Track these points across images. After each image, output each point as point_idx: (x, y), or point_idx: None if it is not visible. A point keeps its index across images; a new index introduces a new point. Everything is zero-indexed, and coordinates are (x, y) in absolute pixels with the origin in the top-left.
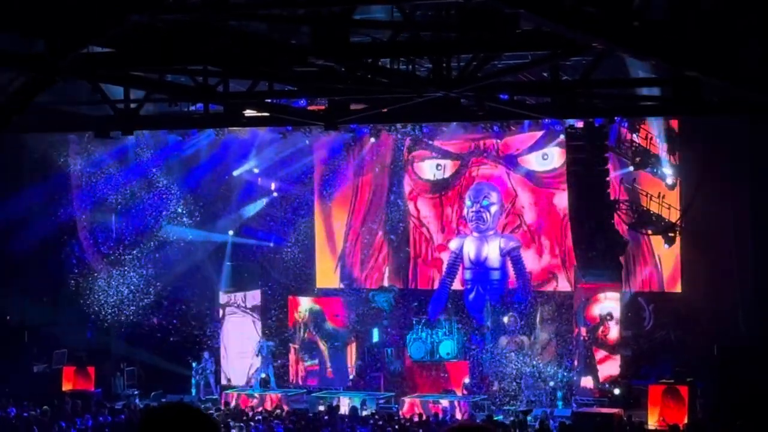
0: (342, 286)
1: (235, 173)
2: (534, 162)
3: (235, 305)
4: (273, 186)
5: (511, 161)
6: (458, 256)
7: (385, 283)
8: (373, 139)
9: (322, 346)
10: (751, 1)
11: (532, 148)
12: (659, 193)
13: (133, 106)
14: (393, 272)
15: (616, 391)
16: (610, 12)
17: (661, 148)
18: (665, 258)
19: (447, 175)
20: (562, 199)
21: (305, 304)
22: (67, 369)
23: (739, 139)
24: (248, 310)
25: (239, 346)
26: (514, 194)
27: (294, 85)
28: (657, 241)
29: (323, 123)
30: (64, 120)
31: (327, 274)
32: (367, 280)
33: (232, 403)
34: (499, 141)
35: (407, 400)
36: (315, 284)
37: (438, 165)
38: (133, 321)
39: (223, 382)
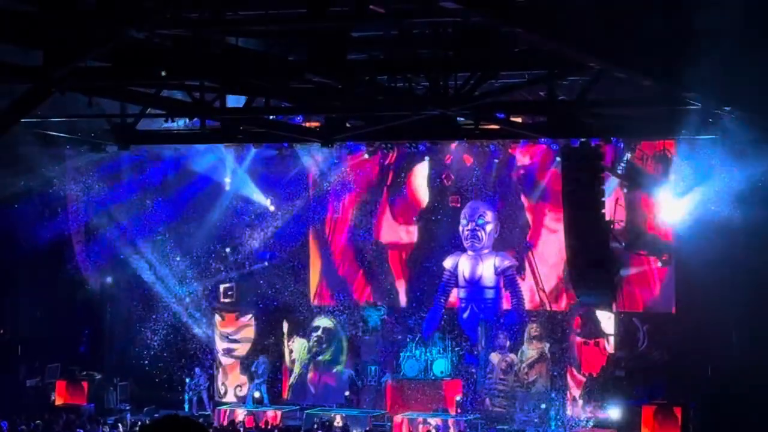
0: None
1: (227, 188)
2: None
3: (229, 321)
4: (269, 202)
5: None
6: (453, 275)
7: (374, 302)
8: (366, 156)
9: (315, 363)
10: (746, 21)
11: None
12: (655, 213)
13: (129, 120)
14: (381, 292)
15: (611, 412)
16: (608, 32)
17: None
18: (660, 278)
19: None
20: None
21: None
22: (60, 383)
23: (735, 158)
24: (242, 327)
25: (233, 362)
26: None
27: (291, 102)
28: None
29: (319, 140)
30: (60, 133)
31: (321, 292)
32: (356, 299)
33: (225, 421)
34: (497, 161)
35: (395, 418)
36: (309, 302)
37: (434, 182)
38: (126, 336)
39: (220, 397)
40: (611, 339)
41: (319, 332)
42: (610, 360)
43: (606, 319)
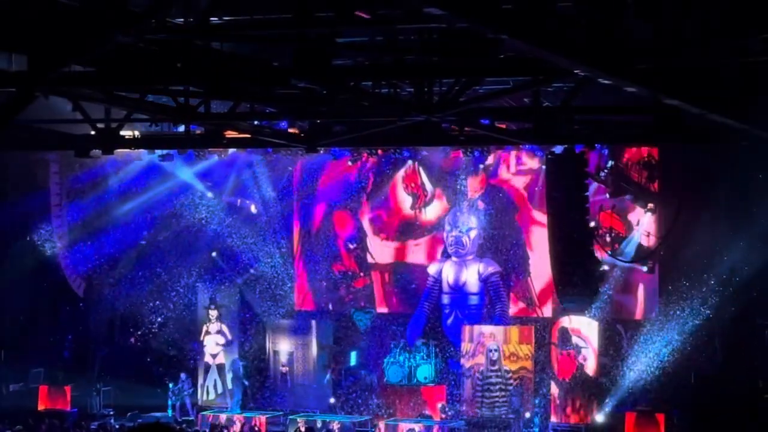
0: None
1: (210, 194)
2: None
3: (213, 325)
4: (253, 207)
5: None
6: (437, 281)
7: (363, 306)
8: (350, 163)
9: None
10: (732, 29)
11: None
12: (638, 220)
13: (113, 125)
14: (365, 298)
15: (599, 418)
16: (593, 39)
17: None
18: (644, 285)
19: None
20: None
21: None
22: (44, 388)
23: (719, 167)
24: (225, 332)
25: (218, 368)
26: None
27: (276, 107)
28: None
29: (304, 145)
30: (44, 138)
31: (306, 297)
32: (342, 304)
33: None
34: (482, 166)
35: (380, 424)
36: (293, 307)
37: (414, 194)
38: (110, 341)
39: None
40: (582, 350)
41: (305, 336)
42: (580, 368)
43: (586, 325)
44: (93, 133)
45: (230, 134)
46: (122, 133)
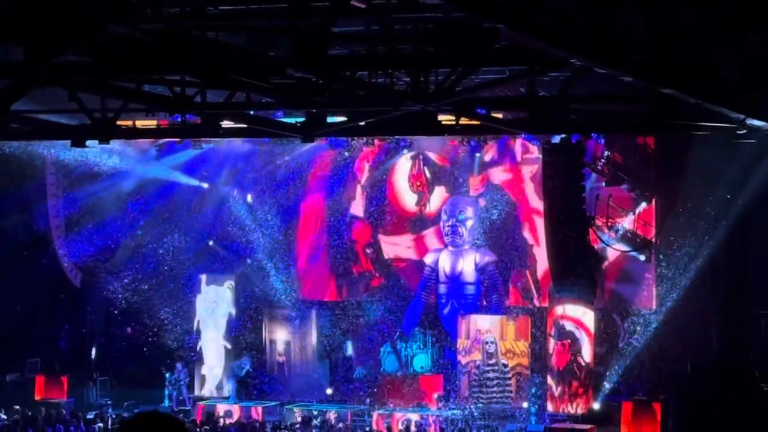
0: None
1: (205, 185)
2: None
3: (210, 315)
4: (249, 197)
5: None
6: (433, 270)
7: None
8: (347, 153)
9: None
10: (731, 22)
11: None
12: (635, 209)
13: (110, 115)
14: (364, 288)
15: (595, 407)
16: (588, 29)
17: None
18: (640, 275)
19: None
20: None
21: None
22: (40, 378)
23: (716, 156)
24: (222, 322)
25: (214, 358)
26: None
27: (272, 97)
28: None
29: (300, 135)
30: (40, 128)
31: (305, 287)
32: (336, 294)
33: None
34: (478, 155)
35: (375, 413)
36: (291, 297)
37: (420, 193)
38: (107, 331)
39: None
40: (578, 340)
41: (303, 326)
42: (576, 358)
43: (582, 315)
44: (89, 123)
45: (227, 124)
46: (119, 122)
